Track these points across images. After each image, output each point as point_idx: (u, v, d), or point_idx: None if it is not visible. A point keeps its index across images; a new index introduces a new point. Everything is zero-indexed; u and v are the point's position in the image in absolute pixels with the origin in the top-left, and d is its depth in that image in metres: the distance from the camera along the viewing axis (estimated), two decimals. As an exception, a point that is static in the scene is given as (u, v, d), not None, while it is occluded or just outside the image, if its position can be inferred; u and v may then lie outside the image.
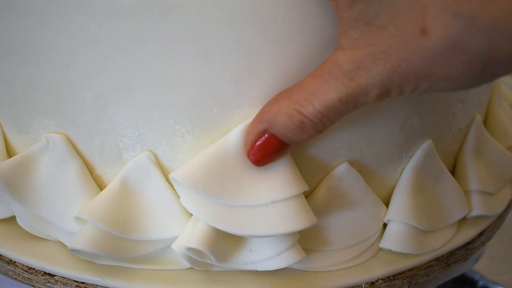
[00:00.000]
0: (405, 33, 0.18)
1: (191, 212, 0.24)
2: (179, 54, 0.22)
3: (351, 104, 0.20)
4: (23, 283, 0.25)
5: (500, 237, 0.34)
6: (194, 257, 0.24)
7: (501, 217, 0.31)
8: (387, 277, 0.26)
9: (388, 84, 0.19)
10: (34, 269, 0.25)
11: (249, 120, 0.23)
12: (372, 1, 0.19)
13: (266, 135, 0.21)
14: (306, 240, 0.25)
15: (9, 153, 0.27)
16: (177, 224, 0.25)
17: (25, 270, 0.25)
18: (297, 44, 0.22)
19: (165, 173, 0.25)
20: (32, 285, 0.25)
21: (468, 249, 0.29)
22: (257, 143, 0.22)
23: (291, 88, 0.21)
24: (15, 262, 0.26)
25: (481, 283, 0.40)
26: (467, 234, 0.28)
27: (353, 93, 0.20)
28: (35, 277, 0.25)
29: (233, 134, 0.23)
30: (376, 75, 0.19)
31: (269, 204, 0.23)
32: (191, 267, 0.25)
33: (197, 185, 0.23)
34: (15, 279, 0.25)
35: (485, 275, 0.41)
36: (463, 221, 0.29)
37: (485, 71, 0.18)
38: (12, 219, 0.27)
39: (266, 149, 0.22)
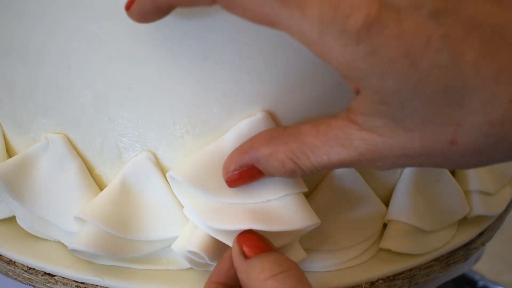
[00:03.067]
0: (432, 140, 0.18)
1: (188, 213, 0.23)
2: (179, 55, 0.22)
3: (349, 166, 0.21)
4: (23, 283, 0.25)
5: (500, 237, 0.34)
6: (195, 258, 0.24)
7: (501, 217, 0.31)
8: (387, 277, 0.26)
9: (397, 166, 0.20)
10: (34, 269, 0.25)
11: (249, 119, 0.23)
12: (402, 110, 0.18)
13: (249, 168, 0.22)
14: (307, 240, 0.25)
15: (9, 153, 0.27)
16: (176, 224, 0.25)
17: (25, 270, 0.25)
18: (297, 46, 0.22)
19: (164, 173, 0.25)
20: (32, 285, 0.25)
21: (468, 249, 0.29)
22: (238, 172, 0.22)
23: (287, 134, 0.21)
24: (15, 262, 0.26)
25: (481, 283, 0.40)
26: (467, 234, 0.28)
27: (357, 162, 0.20)
28: (35, 277, 0.25)
29: (230, 134, 0.23)
30: (389, 160, 0.19)
31: (265, 203, 0.23)
32: (191, 267, 0.25)
33: (194, 182, 0.23)
34: (15, 279, 0.25)
35: (485, 275, 0.41)
36: (463, 221, 0.29)
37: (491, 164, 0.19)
38: (12, 219, 0.27)
39: (245, 177, 0.22)
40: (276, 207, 0.23)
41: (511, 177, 0.31)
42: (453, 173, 0.29)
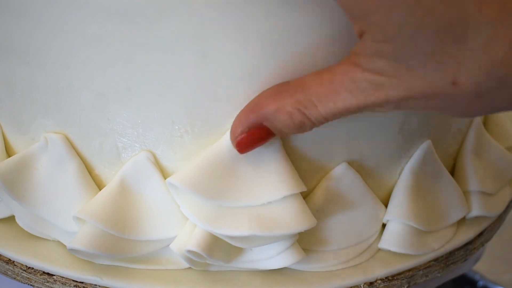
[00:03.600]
0: (434, 79, 0.18)
1: (188, 217, 0.24)
2: (178, 55, 0.22)
3: (357, 112, 0.20)
4: (22, 282, 0.25)
5: (500, 237, 0.34)
6: (193, 258, 0.24)
7: (500, 217, 0.31)
8: (386, 278, 0.26)
9: (402, 107, 0.20)
10: (33, 268, 0.25)
11: None
12: (405, 47, 0.18)
13: (258, 127, 0.22)
14: (305, 240, 0.25)
15: (9, 153, 0.28)
16: (175, 224, 0.25)
17: (24, 270, 0.25)
18: (296, 45, 0.22)
19: (163, 173, 0.25)
20: (31, 285, 0.25)
21: (467, 250, 0.28)
22: (246, 133, 0.22)
23: (292, 87, 0.21)
24: (14, 261, 0.26)
25: (481, 283, 0.40)
26: (467, 234, 0.28)
27: (364, 106, 0.20)
28: (34, 277, 0.25)
29: (228, 137, 0.23)
30: (393, 100, 0.19)
31: (265, 205, 0.23)
32: (190, 267, 0.25)
33: (193, 187, 0.23)
34: (14, 278, 0.25)
35: (485, 275, 0.41)
36: (462, 221, 0.29)
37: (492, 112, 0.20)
38: (11, 219, 0.27)
39: (254, 139, 0.22)
40: (276, 210, 0.23)
41: (510, 178, 0.31)
42: (452, 173, 0.29)
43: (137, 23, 0.22)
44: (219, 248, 0.24)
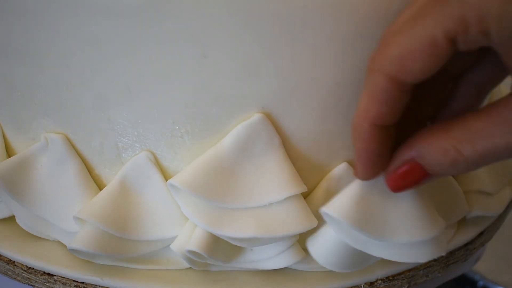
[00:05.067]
0: None
1: (190, 219, 0.24)
2: (178, 55, 0.22)
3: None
4: (22, 282, 0.25)
5: (500, 237, 0.34)
6: (194, 258, 0.24)
7: (500, 217, 0.31)
8: (387, 278, 0.26)
9: None
10: (33, 269, 0.25)
11: (245, 122, 0.23)
12: None
13: (410, 164, 0.20)
14: (306, 240, 0.25)
15: (9, 153, 0.27)
16: (176, 224, 0.25)
17: (24, 270, 0.25)
18: (296, 45, 0.22)
19: (164, 173, 0.25)
20: (32, 285, 0.25)
21: (467, 250, 0.28)
22: (400, 170, 0.21)
23: (449, 122, 0.20)
24: (14, 262, 0.26)
25: (481, 283, 0.40)
26: (467, 234, 0.28)
27: None
28: (34, 277, 0.25)
29: (229, 138, 0.23)
30: None
31: (267, 207, 0.23)
32: (190, 267, 0.25)
33: (195, 189, 0.23)
34: (15, 278, 0.25)
35: (485, 275, 0.41)
36: (462, 221, 0.29)
37: None
38: (11, 219, 0.27)
39: (408, 177, 0.21)
40: (278, 211, 0.23)
41: (511, 177, 0.31)
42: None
43: (137, 23, 0.22)
44: (219, 248, 0.24)
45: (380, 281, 0.26)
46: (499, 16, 0.17)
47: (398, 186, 0.21)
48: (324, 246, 0.23)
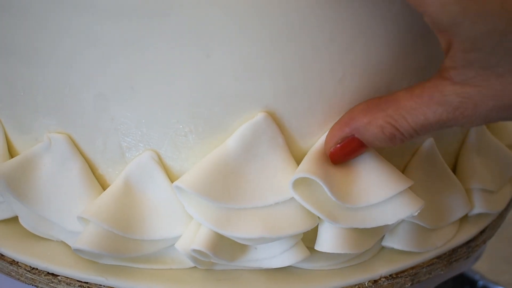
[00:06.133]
0: None
1: (197, 220, 0.24)
2: (181, 54, 0.22)
3: (447, 126, 0.21)
4: (26, 283, 0.25)
5: (500, 236, 0.34)
6: (199, 257, 0.24)
7: (502, 215, 0.31)
8: (390, 275, 0.26)
9: (492, 119, 0.20)
10: (37, 269, 0.25)
11: (249, 122, 0.23)
12: (494, 54, 0.19)
13: (348, 139, 0.23)
14: (310, 239, 0.25)
15: (11, 153, 0.27)
16: (180, 223, 0.25)
17: (28, 271, 0.25)
18: (299, 44, 0.22)
19: (168, 172, 0.25)
20: (35, 285, 0.25)
21: (469, 247, 0.29)
22: (340, 144, 0.23)
23: (383, 101, 0.22)
24: (18, 262, 0.25)
25: (481, 283, 0.40)
26: (469, 232, 0.29)
27: (453, 119, 0.20)
28: (38, 277, 0.25)
29: (233, 138, 0.23)
30: (483, 111, 0.20)
31: (273, 206, 0.23)
32: (195, 266, 0.25)
33: (201, 191, 0.23)
34: (18, 279, 0.25)
35: (485, 275, 0.41)
36: (464, 219, 0.29)
37: None
38: (14, 219, 0.27)
39: (347, 150, 0.23)
40: (284, 210, 0.24)
41: (511, 175, 0.32)
42: (454, 171, 0.29)
43: (139, 23, 0.22)
44: (224, 247, 0.24)
45: (383, 279, 0.26)
46: None
47: (339, 159, 0.23)
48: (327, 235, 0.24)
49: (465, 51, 0.19)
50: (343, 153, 0.23)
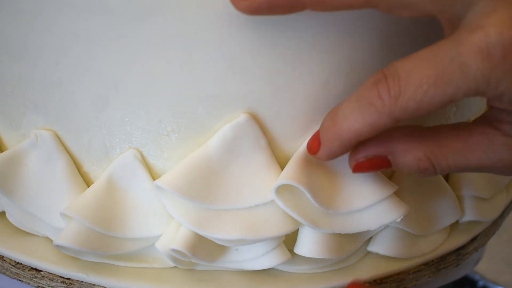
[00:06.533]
0: None
1: (177, 220, 0.24)
2: (164, 53, 0.22)
3: (485, 170, 0.21)
4: (11, 277, 0.26)
5: (500, 237, 0.33)
6: (178, 257, 0.24)
7: (496, 222, 0.30)
8: (374, 281, 0.26)
9: None
10: (21, 264, 0.25)
11: (231, 123, 0.23)
12: None
13: (381, 157, 0.22)
14: (293, 241, 0.25)
15: (2, 149, 0.28)
16: (161, 222, 0.25)
17: (12, 265, 0.26)
18: (282, 45, 0.22)
19: (151, 171, 0.25)
20: (20, 280, 0.25)
21: (459, 255, 0.28)
22: (370, 159, 0.22)
23: (428, 133, 0.21)
24: (3, 257, 0.26)
25: (481, 283, 0.40)
26: (459, 239, 0.28)
27: (491, 167, 0.21)
28: (22, 272, 0.25)
29: (215, 139, 0.23)
30: None
31: (253, 208, 0.23)
32: (176, 266, 0.25)
33: (181, 191, 0.22)
34: (4, 273, 0.26)
35: (485, 275, 0.40)
36: (455, 226, 0.28)
37: None
38: (1, 215, 0.27)
39: (373, 166, 0.22)
40: (264, 213, 0.23)
41: (507, 182, 0.30)
42: (446, 177, 0.28)
43: (123, 22, 0.21)
44: (204, 248, 0.24)
45: (367, 284, 0.26)
46: None
47: (361, 170, 0.22)
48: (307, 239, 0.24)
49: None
50: (368, 168, 0.22)
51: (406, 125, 0.22)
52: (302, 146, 0.24)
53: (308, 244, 0.24)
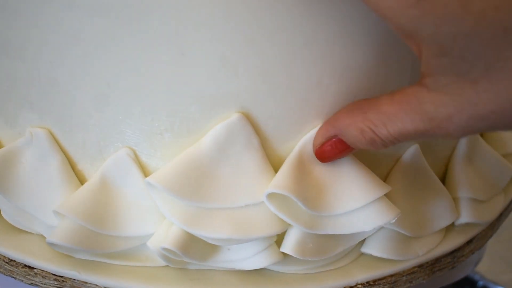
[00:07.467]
0: (499, 89, 0.18)
1: (167, 217, 0.24)
2: (156, 52, 0.22)
3: (427, 136, 0.20)
4: (5, 274, 0.26)
5: (500, 237, 0.33)
6: (170, 256, 0.24)
7: (493, 225, 0.29)
8: (367, 282, 0.26)
9: (470, 130, 0.19)
10: (15, 261, 0.26)
11: (224, 123, 0.23)
12: (463, 58, 0.18)
13: (334, 139, 0.23)
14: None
15: (-2, 147, 0.28)
16: (153, 221, 0.25)
17: (6, 262, 0.26)
18: (275, 46, 0.21)
19: (144, 170, 0.25)
20: (13, 277, 0.26)
21: (455, 257, 0.28)
22: (326, 144, 0.23)
23: (365, 104, 0.22)
24: (-3, 253, 0.26)
25: (481, 283, 0.40)
26: (454, 241, 0.27)
27: (430, 130, 0.20)
28: (16, 269, 0.26)
29: (207, 138, 0.23)
30: (460, 121, 0.19)
31: (243, 208, 0.23)
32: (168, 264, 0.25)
33: (172, 188, 0.22)
34: (-2, 270, 0.26)
35: (485, 275, 0.40)
36: (451, 228, 0.28)
37: None
38: (-4, 212, 0.28)
39: (332, 149, 0.23)
40: (254, 212, 0.23)
41: (505, 185, 0.30)
42: (444, 178, 0.28)
43: (115, 20, 0.21)
44: (195, 247, 0.24)
45: (360, 286, 0.26)
46: None
47: (325, 157, 0.23)
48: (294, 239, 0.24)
49: (435, 56, 0.18)
50: (329, 152, 0.23)
51: (351, 102, 0.23)
52: (295, 150, 0.24)
53: (293, 244, 0.24)
